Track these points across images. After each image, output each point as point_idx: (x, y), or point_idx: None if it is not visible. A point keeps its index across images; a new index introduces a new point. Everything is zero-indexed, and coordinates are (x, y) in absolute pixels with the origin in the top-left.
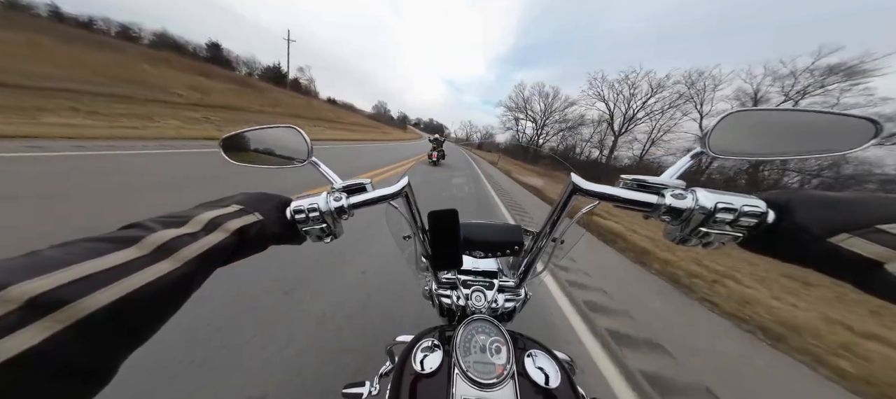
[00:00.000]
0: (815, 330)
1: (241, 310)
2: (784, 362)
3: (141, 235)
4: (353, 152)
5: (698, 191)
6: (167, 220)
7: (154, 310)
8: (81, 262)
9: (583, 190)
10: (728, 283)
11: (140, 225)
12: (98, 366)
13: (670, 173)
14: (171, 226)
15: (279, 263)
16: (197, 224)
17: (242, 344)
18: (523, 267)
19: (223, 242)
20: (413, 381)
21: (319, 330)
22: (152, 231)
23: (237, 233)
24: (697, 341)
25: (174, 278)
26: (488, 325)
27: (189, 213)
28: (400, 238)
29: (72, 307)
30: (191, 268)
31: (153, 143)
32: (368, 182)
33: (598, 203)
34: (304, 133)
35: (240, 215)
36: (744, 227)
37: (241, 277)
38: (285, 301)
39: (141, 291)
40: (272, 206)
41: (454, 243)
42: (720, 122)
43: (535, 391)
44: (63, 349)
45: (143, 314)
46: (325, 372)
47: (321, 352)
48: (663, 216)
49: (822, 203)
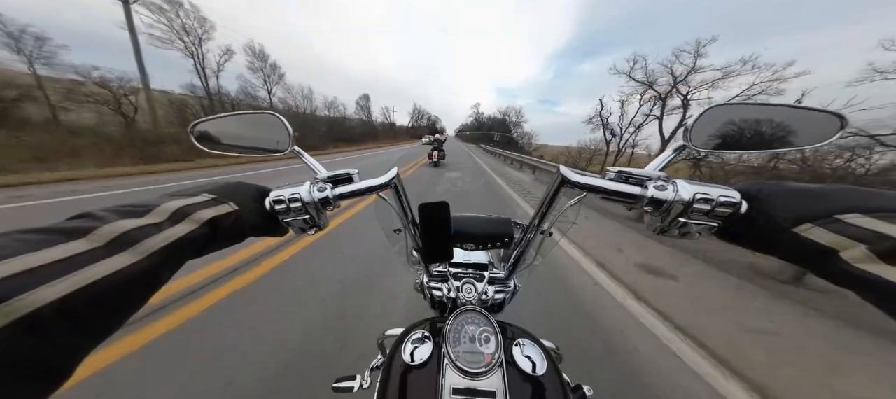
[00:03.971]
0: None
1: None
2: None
3: (92, 226)
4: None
5: (679, 182)
6: (125, 210)
7: (114, 305)
8: (21, 255)
9: (571, 181)
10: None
11: (91, 215)
12: (51, 363)
13: (654, 165)
14: (129, 216)
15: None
16: (160, 214)
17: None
18: (513, 259)
19: (192, 234)
20: (403, 373)
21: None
22: (105, 222)
23: (209, 223)
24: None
25: (136, 272)
26: (478, 316)
27: (151, 203)
28: (390, 231)
29: (14, 303)
30: (156, 261)
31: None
32: (356, 172)
33: (585, 195)
34: (285, 120)
35: (211, 205)
36: (719, 216)
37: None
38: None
39: (96, 286)
40: (249, 196)
41: (445, 236)
42: (702, 116)
43: (522, 379)
44: (9, 346)
45: (100, 310)
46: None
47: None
48: (646, 207)
49: (790, 194)
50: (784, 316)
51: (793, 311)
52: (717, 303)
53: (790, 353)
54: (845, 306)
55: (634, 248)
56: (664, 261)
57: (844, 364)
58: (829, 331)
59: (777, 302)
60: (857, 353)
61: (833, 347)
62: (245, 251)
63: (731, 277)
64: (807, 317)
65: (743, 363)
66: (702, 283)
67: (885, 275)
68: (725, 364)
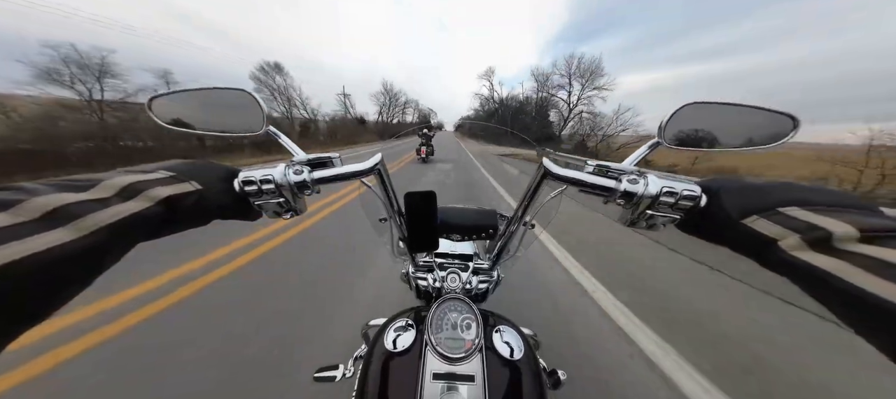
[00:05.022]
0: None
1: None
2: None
3: (19, 199)
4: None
5: (650, 176)
6: (64, 184)
7: (48, 285)
8: None
9: (553, 174)
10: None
11: (19, 187)
12: None
13: (630, 160)
14: (68, 190)
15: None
16: (107, 189)
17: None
18: (497, 250)
19: (145, 212)
20: (385, 360)
21: None
22: (37, 194)
23: (164, 202)
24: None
25: (76, 250)
26: (461, 304)
27: (97, 177)
28: (376, 221)
29: None
30: (99, 238)
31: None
32: (337, 156)
33: (566, 187)
34: (259, 98)
35: (169, 183)
36: (682, 209)
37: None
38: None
39: (23, 264)
40: (215, 176)
41: (431, 226)
42: (676, 113)
43: (500, 363)
44: None
45: (30, 291)
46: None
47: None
48: (618, 200)
49: (742, 189)
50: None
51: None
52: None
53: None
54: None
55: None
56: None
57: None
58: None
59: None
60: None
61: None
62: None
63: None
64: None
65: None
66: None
67: (813, 261)
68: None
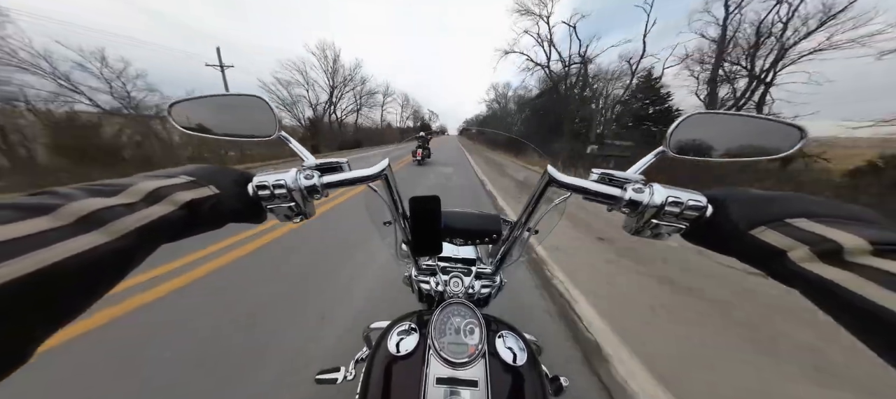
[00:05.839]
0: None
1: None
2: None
3: (57, 203)
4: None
5: (655, 186)
6: (95, 188)
7: (81, 286)
8: None
9: (558, 181)
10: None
11: (55, 192)
12: (6, 345)
13: (635, 169)
14: (99, 194)
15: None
16: (135, 194)
17: None
18: (500, 255)
19: (170, 216)
20: (388, 363)
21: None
22: (72, 199)
23: (187, 206)
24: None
25: (107, 252)
26: (464, 309)
27: (125, 183)
28: (380, 223)
29: None
30: (128, 242)
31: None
32: (345, 161)
33: (570, 195)
34: (271, 104)
35: (191, 187)
36: (687, 219)
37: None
38: None
39: (62, 265)
40: (231, 181)
41: (435, 230)
42: (682, 123)
43: (503, 369)
44: None
45: (66, 291)
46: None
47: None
48: (623, 208)
49: (750, 199)
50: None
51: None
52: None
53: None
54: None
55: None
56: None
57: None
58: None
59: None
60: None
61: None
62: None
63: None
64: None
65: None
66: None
67: (823, 273)
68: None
